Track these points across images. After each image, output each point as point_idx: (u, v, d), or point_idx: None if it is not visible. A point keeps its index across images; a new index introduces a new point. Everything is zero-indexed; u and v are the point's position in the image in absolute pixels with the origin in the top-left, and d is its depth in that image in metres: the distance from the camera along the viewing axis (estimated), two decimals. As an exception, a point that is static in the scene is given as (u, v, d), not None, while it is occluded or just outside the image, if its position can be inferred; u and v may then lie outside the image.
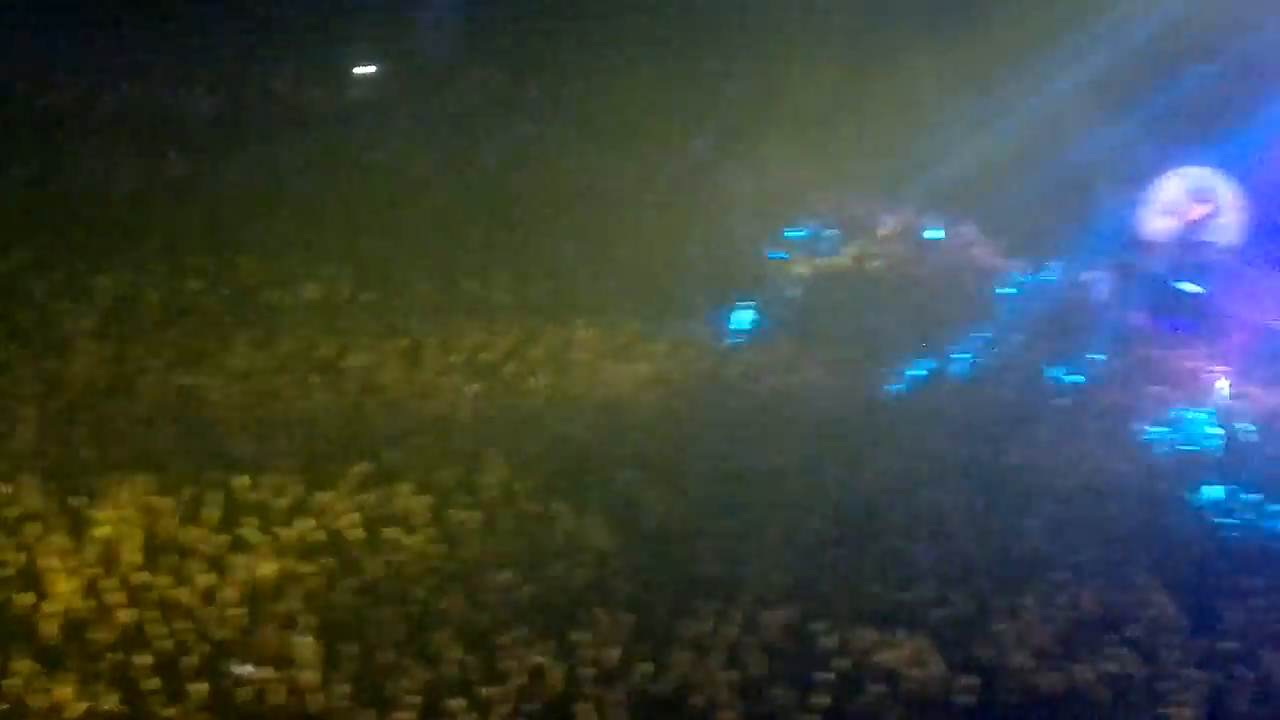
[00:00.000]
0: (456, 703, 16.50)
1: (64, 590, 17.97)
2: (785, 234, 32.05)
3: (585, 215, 31.56)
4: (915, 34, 37.41)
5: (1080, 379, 26.43)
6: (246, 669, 17.09)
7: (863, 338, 27.06)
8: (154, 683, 16.47)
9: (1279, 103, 33.98)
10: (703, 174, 34.36)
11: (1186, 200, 34.92)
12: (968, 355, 26.88)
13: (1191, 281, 32.21)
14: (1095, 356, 27.25)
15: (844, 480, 22.02)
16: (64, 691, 16.28)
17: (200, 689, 16.44)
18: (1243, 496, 22.37)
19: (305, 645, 17.23)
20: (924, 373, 26.12)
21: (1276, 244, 34.42)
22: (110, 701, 16.26)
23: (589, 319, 26.55)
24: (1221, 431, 24.67)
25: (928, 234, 32.84)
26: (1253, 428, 24.86)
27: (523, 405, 23.87)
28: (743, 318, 27.32)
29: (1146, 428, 24.56)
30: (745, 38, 37.63)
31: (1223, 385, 26.28)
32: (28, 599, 17.78)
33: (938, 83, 36.52)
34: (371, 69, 36.93)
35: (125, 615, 17.54)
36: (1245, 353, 28.41)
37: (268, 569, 18.73)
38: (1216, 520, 21.75)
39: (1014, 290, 30.40)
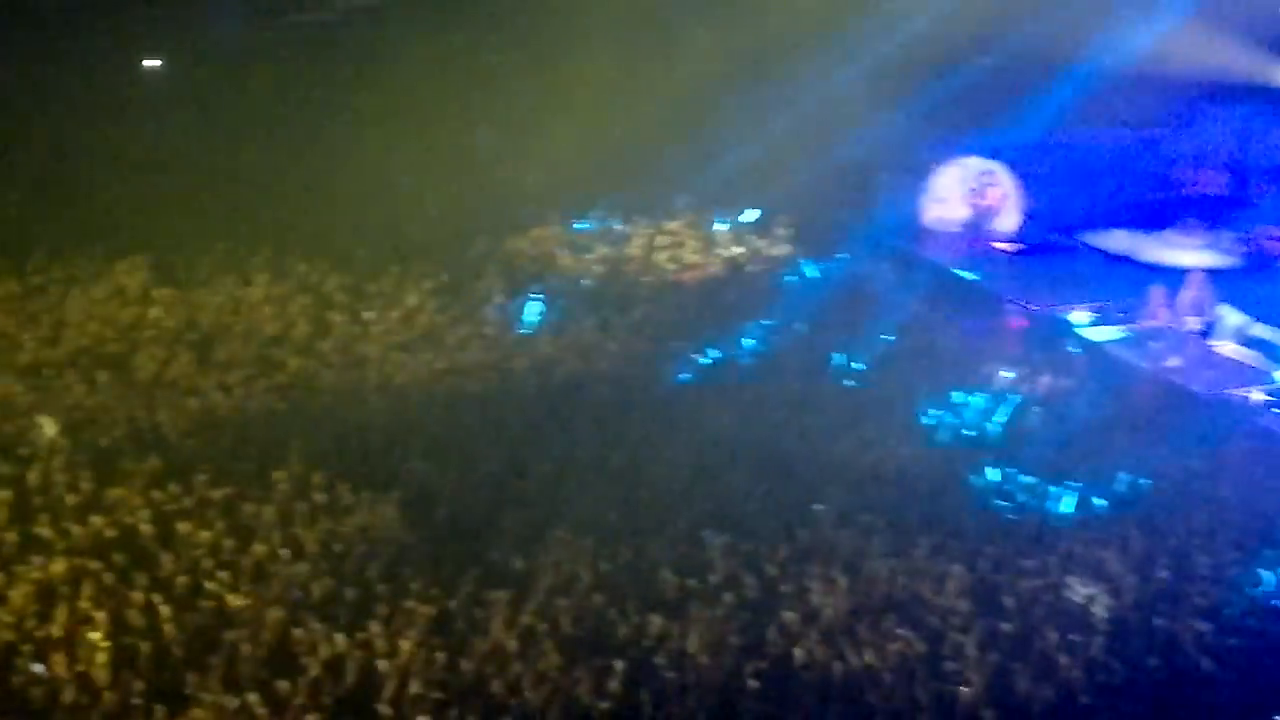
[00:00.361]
0: (252, 697, 16.54)
1: None
2: (574, 225, 32.26)
3: (375, 208, 31.50)
4: (697, 27, 37.80)
5: (864, 366, 26.82)
6: (39, 668, 16.97)
7: (652, 327, 27.25)
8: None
9: (1056, 92, 34.85)
10: (489, 167, 34.41)
11: (966, 189, 35.80)
12: (755, 343, 27.20)
13: (970, 269, 32.98)
14: (878, 343, 27.68)
15: (634, 468, 22.20)
16: None
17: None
18: (1021, 479, 22.93)
19: (97, 643, 17.12)
20: (712, 361, 26.38)
21: (1054, 231, 35.41)
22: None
23: (381, 310, 26.46)
24: (1000, 415, 25.23)
25: (715, 225, 33.20)
26: (1030, 410, 25.45)
27: (315, 399, 23.77)
28: (533, 308, 27.42)
29: (928, 413, 25.04)
30: (526, 31, 37.77)
31: (1000, 370, 26.83)
32: None
33: (722, 75, 36.84)
34: (157, 62, 36.52)
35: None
36: (1022, 337, 29.11)
37: (59, 567, 18.54)
38: (997, 503, 22.25)
39: (799, 279, 30.82)
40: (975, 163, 36.19)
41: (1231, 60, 35.26)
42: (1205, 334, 28.79)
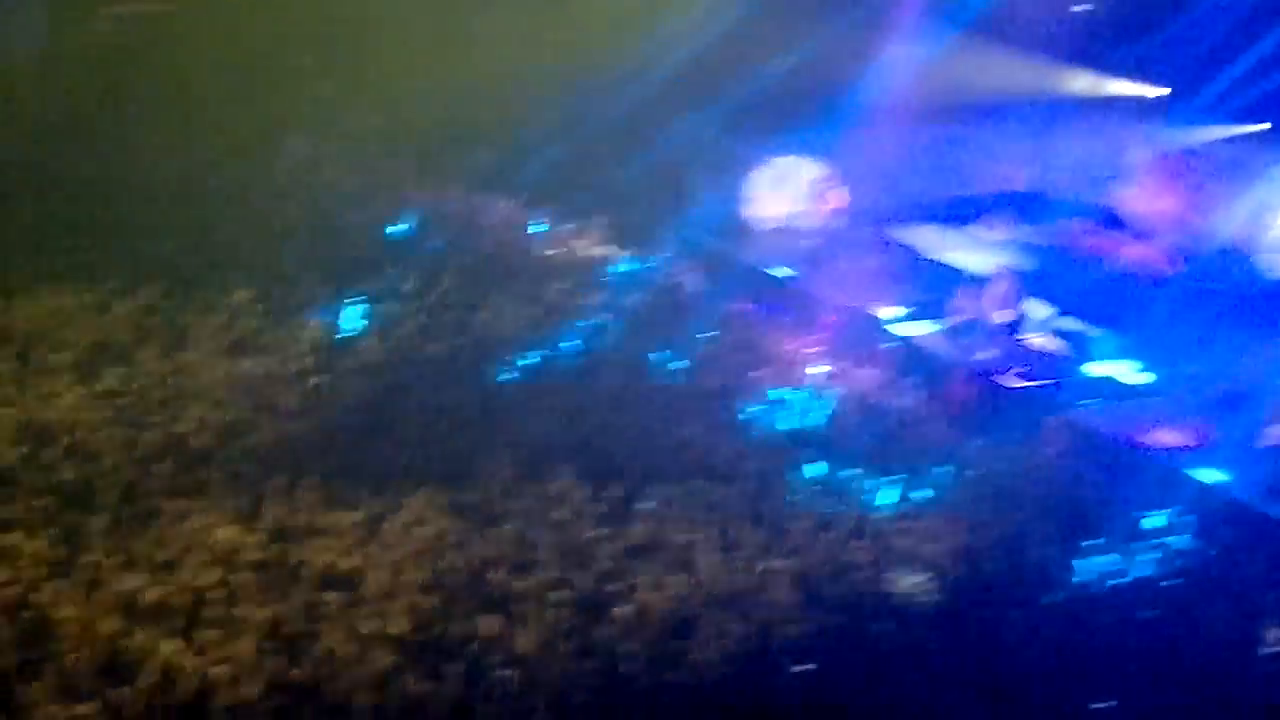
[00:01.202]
0: (86, 708, 16.44)
1: None
2: (388, 229, 32.21)
3: (191, 215, 31.20)
4: (507, 27, 37.92)
5: (683, 364, 27.08)
6: None
7: (472, 329, 27.30)
8: None
9: (863, 88, 35.37)
10: (303, 172, 34.27)
11: (778, 188, 36.21)
12: (574, 344, 27.35)
13: (784, 266, 33.37)
14: (695, 341, 27.95)
15: (459, 471, 22.26)
16: None
17: None
18: (840, 473, 23.31)
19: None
20: (533, 362, 26.50)
21: (868, 227, 35.92)
22: None
23: (201, 317, 26.22)
24: (817, 411, 25.59)
25: (530, 227, 33.31)
26: (846, 406, 25.85)
27: (135, 405, 23.47)
28: (353, 312, 27.34)
29: (747, 409, 25.35)
30: (330, 36, 37.73)
31: (816, 366, 27.22)
32: None
33: (528, 77, 37.00)
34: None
35: None
36: (837, 333, 29.50)
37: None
38: (818, 496, 22.61)
39: (614, 280, 31.02)
40: (789, 161, 36.60)
41: (1035, 57, 35.95)
42: (1013, 328, 29.35)
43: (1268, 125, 35.67)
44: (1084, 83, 37.35)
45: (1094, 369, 28.85)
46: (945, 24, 35.64)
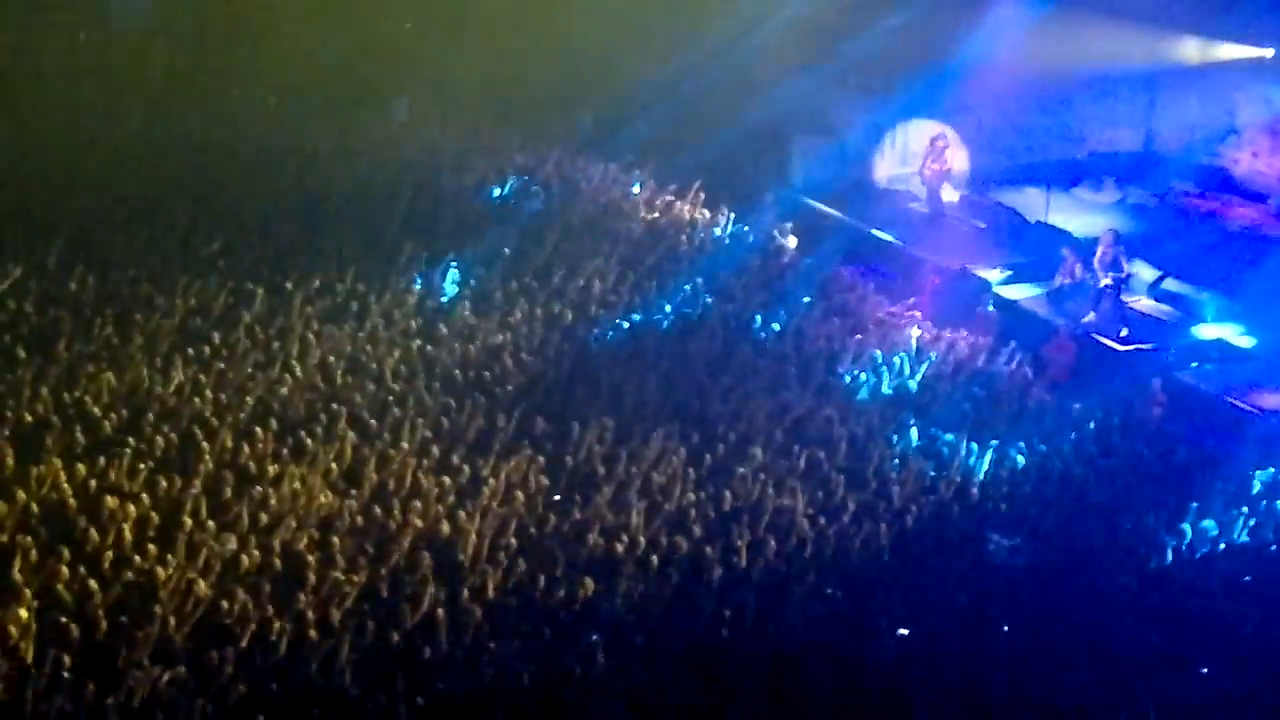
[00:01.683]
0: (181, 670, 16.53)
1: None
2: (490, 191, 32.16)
3: (291, 178, 31.24)
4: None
5: (781, 328, 26.91)
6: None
7: (571, 292, 27.21)
8: None
9: (963, 53, 35.02)
10: (404, 136, 34.28)
11: (883, 151, 36.01)
12: (672, 307, 27.23)
13: (888, 229, 33.18)
14: (797, 305, 27.78)
15: (557, 435, 22.20)
16: None
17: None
18: (943, 436, 23.12)
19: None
20: (632, 325, 26.40)
21: (974, 190, 35.66)
22: None
23: (300, 281, 26.20)
24: (919, 374, 25.40)
25: (631, 189, 33.21)
26: (949, 369, 25.63)
27: (235, 377, 23.40)
28: (454, 274, 27.31)
29: (848, 373, 25.16)
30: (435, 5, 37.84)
31: (917, 330, 27.02)
32: None
33: (626, 41, 36.87)
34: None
35: None
36: (938, 298, 29.31)
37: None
38: (919, 461, 22.41)
39: (716, 242, 30.89)
40: (899, 123, 36.42)
41: (1145, 17, 35.46)
42: (1120, 290, 29.04)
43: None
44: (1194, 43, 36.81)
45: (1202, 331, 28.52)
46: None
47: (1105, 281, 28.86)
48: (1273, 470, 22.30)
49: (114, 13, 37.71)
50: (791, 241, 31.16)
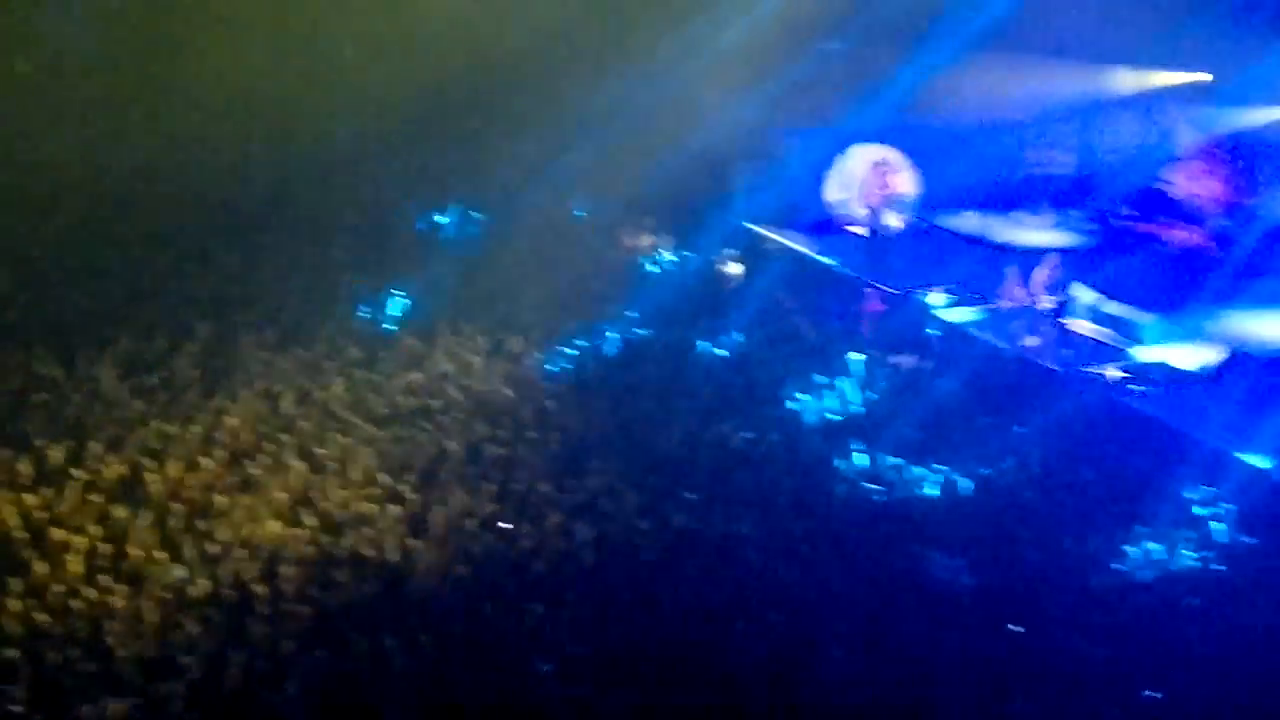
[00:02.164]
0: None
1: None
2: (433, 217, 32.18)
3: (239, 208, 31.17)
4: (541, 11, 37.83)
5: (726, 353, 27.02)
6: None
7: (517, 319, 27.28)
8: None
9: (905, 76, 35.23)
10: (350, 161, 34.24)
11: (824, 176, 36.17)
12: (618, 334, 27.30)
13: (827, 254, 33.32)
14: (741, 330, 27.89)
15: (503, 462, 22.26)
16: None
17: None
18: (886, 460, 23.24)
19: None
20: (577, 353, 26.45)
21: (915, 213, 35.85)
22: None
23: (244, 314, 26.20)
24: (863, 398, 25.52)
25: (574, 215, 33.29)
26: (892, 393, 25.75)
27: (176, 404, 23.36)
28: (398, 304, 27.33)
29: (793, 397, 25.28)
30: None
31: (861, 353, 27.14)
32: None
33: (573, 69, 36.89)
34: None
35: None
36: (881, 320, 29.44)
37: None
38: (863, 485, 22.55)
39: (659, 269, 30.97)
40: (839, 148, 36.59)
41: (1080, 42, 35.77)
42: (1060, 313, 29.24)
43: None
44: (1131, 68, 37.15)
45: (1142, 354, 28.70)
46: (992, 9, 35.41)
47: (1045, 304, 29.06)
48: (1213, 491, 22.47)
49: (51, 34, 37.43)
50: (735, 269, 31.19)
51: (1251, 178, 35.70)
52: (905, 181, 36.32)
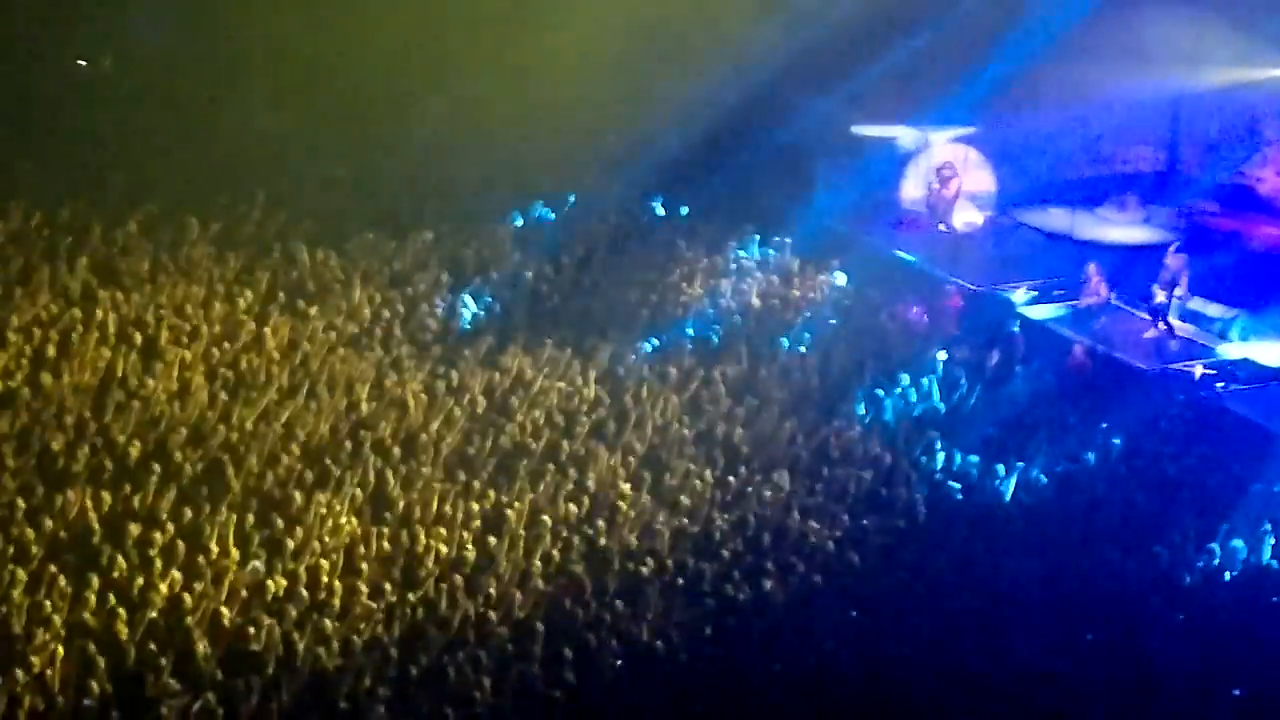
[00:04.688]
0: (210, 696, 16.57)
1: None
2: (513, 215, 32.15)
3: (311, 199, 31.08)
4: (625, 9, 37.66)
5: (806, 349, 26.89)
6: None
7: (596, 316, 27.25)
8: None
9: (987, 72, 34.99)
10: (432, 155, 34.13)
11: (908, 172, 36.00)
12: (696, 331, 27.19)
13: (911, 251, 33.16)
14: (823, 326, 27.76)
15: (581, 457, 22.23)
16: None
17: None
18: (968, 458, 23.08)
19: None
20: (655, 349, 26.36)
21: (998, 209, 35.68)
22: None
23: (317, 308, 26.16)
24: (945, 395, 25.37)
25: (655, 212, 33.23)
26: (975, 390, 25.57)
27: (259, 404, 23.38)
28: (477, 302, 27.31)
29: (875, 394, 25.13)
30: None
31: (944, 350, 26.97)
32: None
33: (650, 71, 36.69)
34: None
35: None
36: (964, 317, 29.25)
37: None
38: (943, 483, 22.39)
39: (736, 263, 30.85)
40: (923, 144, 36.41)
41: (1163, 37, 35.43)
42: (1152, 311, 29.10)
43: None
44: (1217, 60, 36.77)
45: (1228, 351, 28.46)
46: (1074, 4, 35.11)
47: (1160, 299, 28.93)
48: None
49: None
50: (816, 264, 30.95)
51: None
52: (983, 178, 36.12)
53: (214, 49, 34.57)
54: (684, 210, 33.45)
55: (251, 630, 17.51)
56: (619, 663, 17.54)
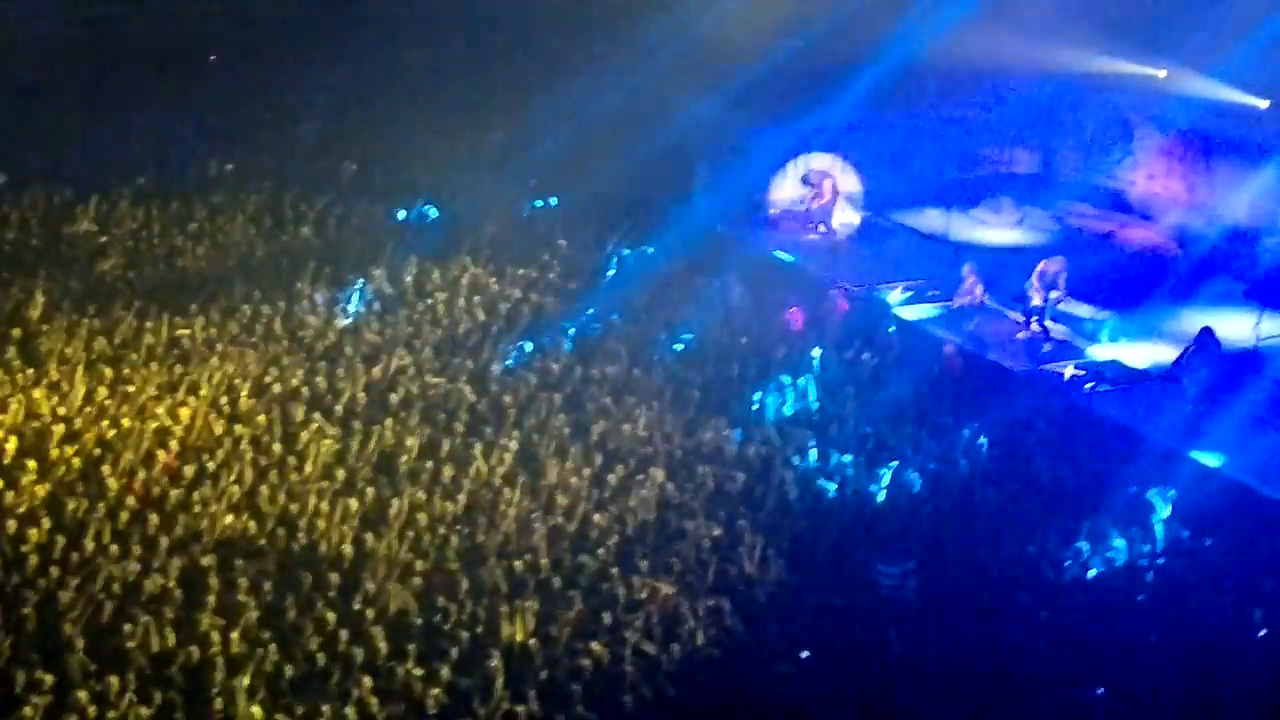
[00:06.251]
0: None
1: None
2: (396, 214, 32.18)
3: (204, 202, 31.03)
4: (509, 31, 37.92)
5: (683, 348, 27.05)
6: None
7: (474, 313, 27.32)
8: None
9: (865, 76, 35.35)
10: (313, 158, 34.16)
11: (782, 173, 36.26)
12: (574, 329, 27.28)
13: (788, 252, 33.40)
14: (700, 327, 27.90)
15: (461, 455, 22.35)
16: None
17: None
18: (842, 457, 23.30)
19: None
20: (533, 347, 26.45)
21: (873, 211, 36.01)
22: None
23: (203, 305, 26.16)
24: (820, 395, 25.56)
25: (531, 210, 33.37)
26: (850, 390, 25.80)
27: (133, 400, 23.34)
28: (359, 296, 27.37)
29: (752, 395, 25.32)
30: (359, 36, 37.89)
31: (817, 351, 27.15)
32: None
33: (535, 76, 36.88)
34: None
35: None
36: (841, 318, 29.45)
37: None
38: (819, 481, 22.64)
39: (618, 264, 30.98)
40: (808, 155, 36.68)
41: (1038, 40, 35.94)
42: (1027, 312, 29.47)
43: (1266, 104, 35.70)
44: (1089, 63, 37.33)
45: (1098, 352, 28.86)
46: (949, 7, 35.51)
47: (1036, 300, 29.31)
48: (1172, 491, 22.55)
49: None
50: (691, 264, 31.04)
51: (1210, 176, 35.90)
52: (859, 180, 36.52)
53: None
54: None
55: (126, 627, 17.58)
56: (494, 662, 17.63)
